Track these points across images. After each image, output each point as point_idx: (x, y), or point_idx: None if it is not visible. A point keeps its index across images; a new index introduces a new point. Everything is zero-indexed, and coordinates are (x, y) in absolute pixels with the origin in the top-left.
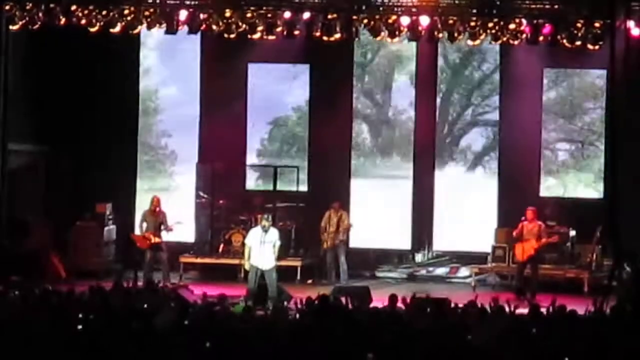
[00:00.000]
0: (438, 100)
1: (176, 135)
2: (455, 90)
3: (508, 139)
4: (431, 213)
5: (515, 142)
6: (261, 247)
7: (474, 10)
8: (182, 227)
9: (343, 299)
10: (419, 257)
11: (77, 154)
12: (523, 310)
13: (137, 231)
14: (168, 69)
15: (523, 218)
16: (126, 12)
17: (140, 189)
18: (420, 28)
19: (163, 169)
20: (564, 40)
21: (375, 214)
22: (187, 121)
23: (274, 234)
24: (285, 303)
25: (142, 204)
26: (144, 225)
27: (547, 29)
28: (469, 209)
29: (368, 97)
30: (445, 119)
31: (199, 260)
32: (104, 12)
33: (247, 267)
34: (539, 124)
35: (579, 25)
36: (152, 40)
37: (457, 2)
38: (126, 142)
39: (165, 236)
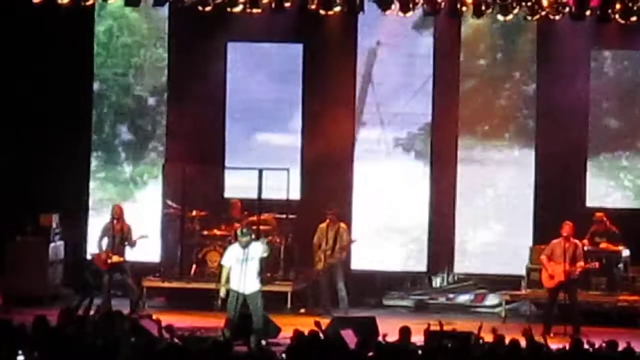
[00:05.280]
0: (460, 87)
1: (140, 131)
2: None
3: (546, 136)
4: (452, 227)
5: (556, 141)
6: (243, 267)
7: None
8: (147, 243)
9: (343, 333)
10: (437, 282)
11: (15, 154)
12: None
13: (96, 249)
14: (129, 49)
15: (564, 234)
16: None
17: (94, 196)
18: None
19: (122, 172)
20: (616, 15)
21: (384, 228)
22: (154, 114)
23: (257, 248)
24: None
25: (96, 215)
26: (104, 241)
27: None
28: (498, 222)
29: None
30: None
31: (166, 284)
32: None
33: (222, 293)
34: (585, 118)
35: None
36: (109, 12)
37: None
38: (77, 139)
39: (129, 255)
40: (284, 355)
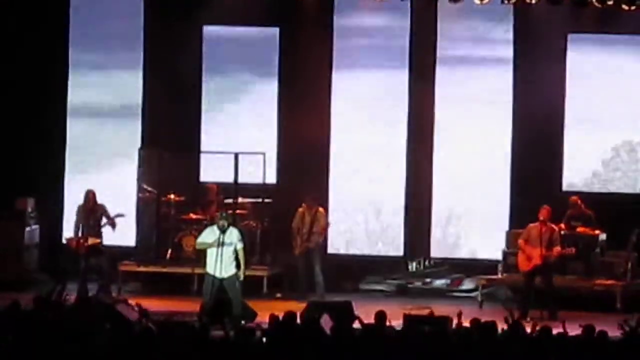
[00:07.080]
0: (437, 73)
1: (115, 114)
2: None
3: (523, 121)
4: (429, 211)
5: (533, 126)
6: (219, 252)
7: None
8: (123, 224)
9: (319, 318)
10: (413, 266)
11: None
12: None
13: (71, 234)
14: (103, 33)
15: (541, 218)
16: None
17: (70, 180)
18: None
19: (97, 156)
20: None
21: (360, 211)
22: (128, 97)
23: (234, 234)
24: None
25: (71, 199)
26: (81, 226)
27: None
28: (475, 206)
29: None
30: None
31: (141, 268)
32: None
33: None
34: (562, 103)
35: None
36: None
37: None
38: (52, 122)
39: (106, 236)
40: (263, 340)
